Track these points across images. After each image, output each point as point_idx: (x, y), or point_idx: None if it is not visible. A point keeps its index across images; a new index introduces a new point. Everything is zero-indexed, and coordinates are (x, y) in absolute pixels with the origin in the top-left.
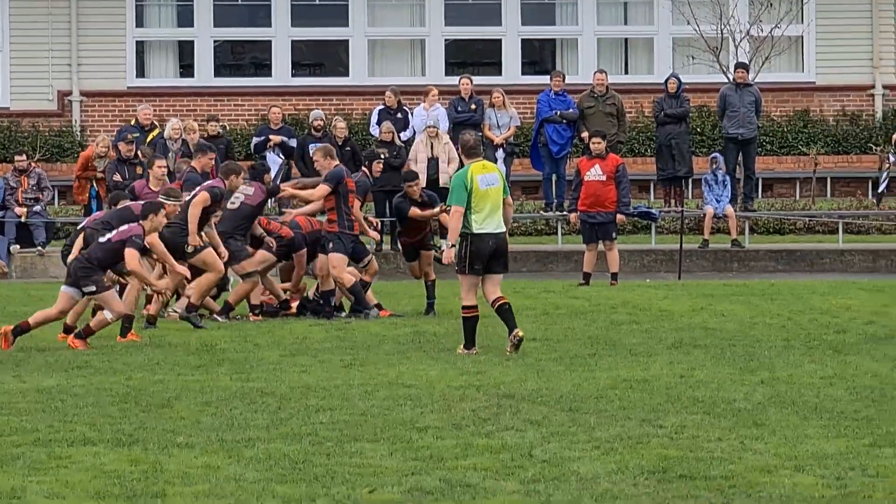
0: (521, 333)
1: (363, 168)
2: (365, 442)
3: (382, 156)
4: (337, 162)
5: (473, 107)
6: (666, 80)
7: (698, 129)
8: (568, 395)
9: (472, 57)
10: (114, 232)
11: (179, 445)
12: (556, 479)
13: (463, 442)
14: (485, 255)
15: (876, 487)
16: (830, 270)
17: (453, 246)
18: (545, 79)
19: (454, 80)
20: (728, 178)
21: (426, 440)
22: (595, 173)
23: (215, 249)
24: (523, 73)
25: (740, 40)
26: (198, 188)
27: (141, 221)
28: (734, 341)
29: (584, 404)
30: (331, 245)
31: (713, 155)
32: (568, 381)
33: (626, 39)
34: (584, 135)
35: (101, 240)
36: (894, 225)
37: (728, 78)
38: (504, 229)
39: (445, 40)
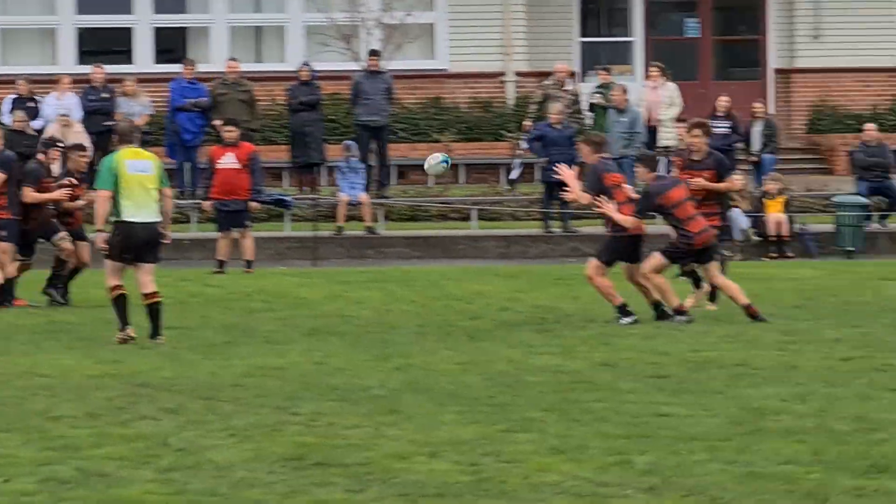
0: (163, 341)
1: (39, 155)
2: None
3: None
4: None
5: (105, 95)
6: (298, 69)
7: (331, 117)
8: (204, 384)
9: (104, 45)
10: None
11: None
12: (192, 468)
13: (98, 431)
14: (137, 245)
15: (510, 473)
16: (465, 257)
17: (100, 231)
18: (178, 67)
19: (87, 68)
20: (362, 165)
21: (61, 430)
22: (228, 161)
23: None
24: (156, 61)
25: (372, 28)
26: None
27: None
28: (370, 328)
29: (221, 392)
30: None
31: (346, 142)
32: (204, 369)
33: (258, 27)
34: (217, 123)
35: None
36: (526, 211)
37: (360, 66)
38: (158, 219)
39: (77, 29)
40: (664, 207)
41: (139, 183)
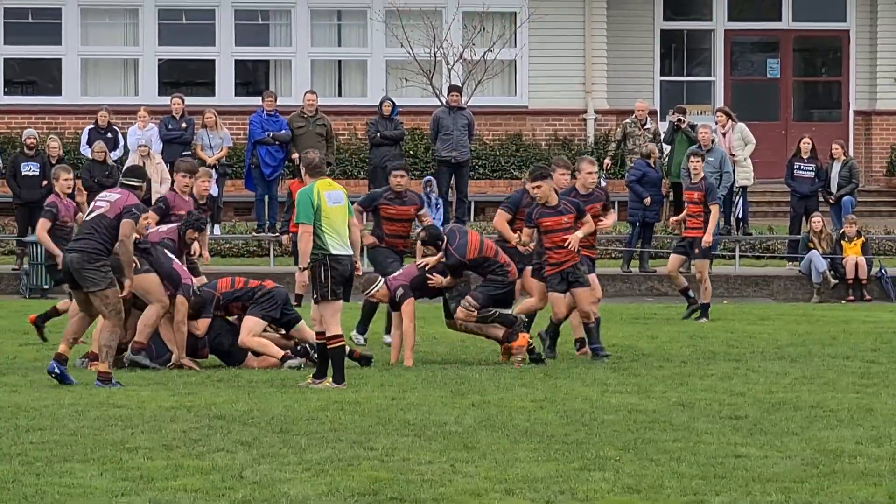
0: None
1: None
2: (75, 462)
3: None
4: None
5: (184, 126)
6: (380, 103)
7: (411, 152)
8: (279, 417)
9: (185, 76)
10: None
11: None
12: (266, 501)
13: (173, 463)
14: (346, 280)
15: None
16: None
17: (305, 269)
18: (259, 100)
19: (167, 99)
20: (441, 200)
21: (136, 461)
22: None
23: None
24: (236, 93)
25: (453, 63)
26: None
27: None
28: (446, 364)
29: (295, 426)
30: None
31: (426, 178)
32: (279, 402)
33: (339, 61)
34: (295, 156)
35: None
36: (605, 249)
37: (441, 101)
38: (351, 252)
39: (159, 60)
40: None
41: (339, 215)
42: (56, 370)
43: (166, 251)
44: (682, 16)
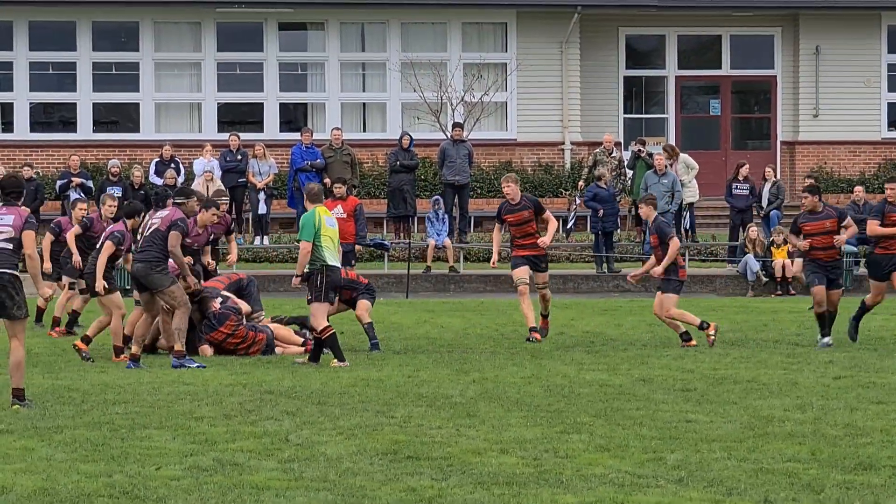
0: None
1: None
2: (152, 429)
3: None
4: None
5: (239, 157)
6: (400, 137)
7: (422, 177)
8: (317, 391)
9: (239, 116)
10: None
11: (1, 431)
12: (307, 459)
13: (232, 429)
14: (337, 286)
15: (565, 466)
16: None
17: (299, 276)
18: (298, 135)
19: (225, 136)
20: (447, 216)
21: (202, 427)
22: (338, 212)
23: None
24: (281, 130)
25: (456, 104)
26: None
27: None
28: (451, 348)
29: (330, 399)
30: None
31: (435, 197)
32: (317, 380)
33: (364, 103)
34: (328, 181)
35: None
36: (580, 255)
37: (446, 135)
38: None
39: (218, 103)
40: None
41: (334, 234)
42: (133, 367)
43: None
44: (641, 65)
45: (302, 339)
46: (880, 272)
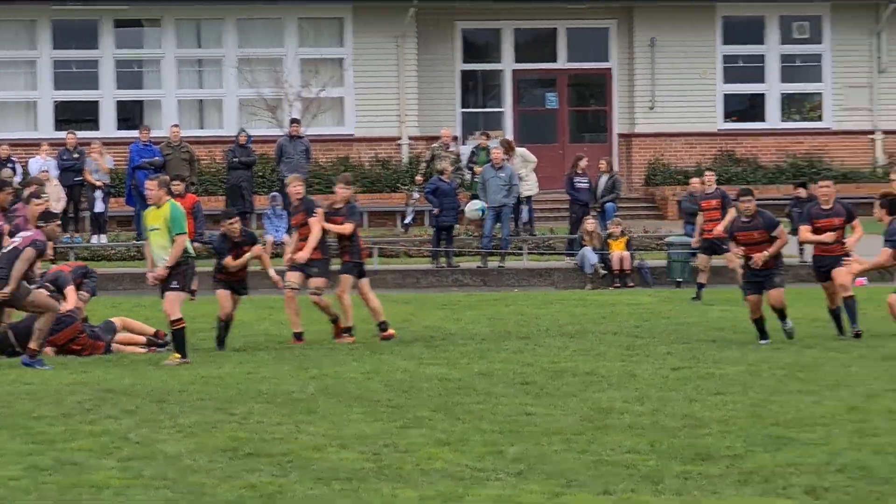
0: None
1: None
2: None
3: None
4: None
5: (76, 156)
6: (237, 134)
7: (260, 173)
8: (157, 389)
9: (76, 114)
10: None
11: None
12: (146, 458)
13: (71, 428)
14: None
15: (405, 461)
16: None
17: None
18: (136, 133)
19: (62, 134)
20: (284, 212)
21: (41, 427)
22: None
23: None
24: (118, 128)
25: (293, 100)
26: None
27: None
28: (290, 344)
29: (170, 396)
30: None
31: (272, 194)
32: (157, 378)
33: (200, 100)
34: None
35: None
36: (418, 249)
37: (284, 131)
38: None
39: (54, 101)
40: None
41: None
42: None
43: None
44: (478, 59)
45: (145, 339)
46: (820, 274)
